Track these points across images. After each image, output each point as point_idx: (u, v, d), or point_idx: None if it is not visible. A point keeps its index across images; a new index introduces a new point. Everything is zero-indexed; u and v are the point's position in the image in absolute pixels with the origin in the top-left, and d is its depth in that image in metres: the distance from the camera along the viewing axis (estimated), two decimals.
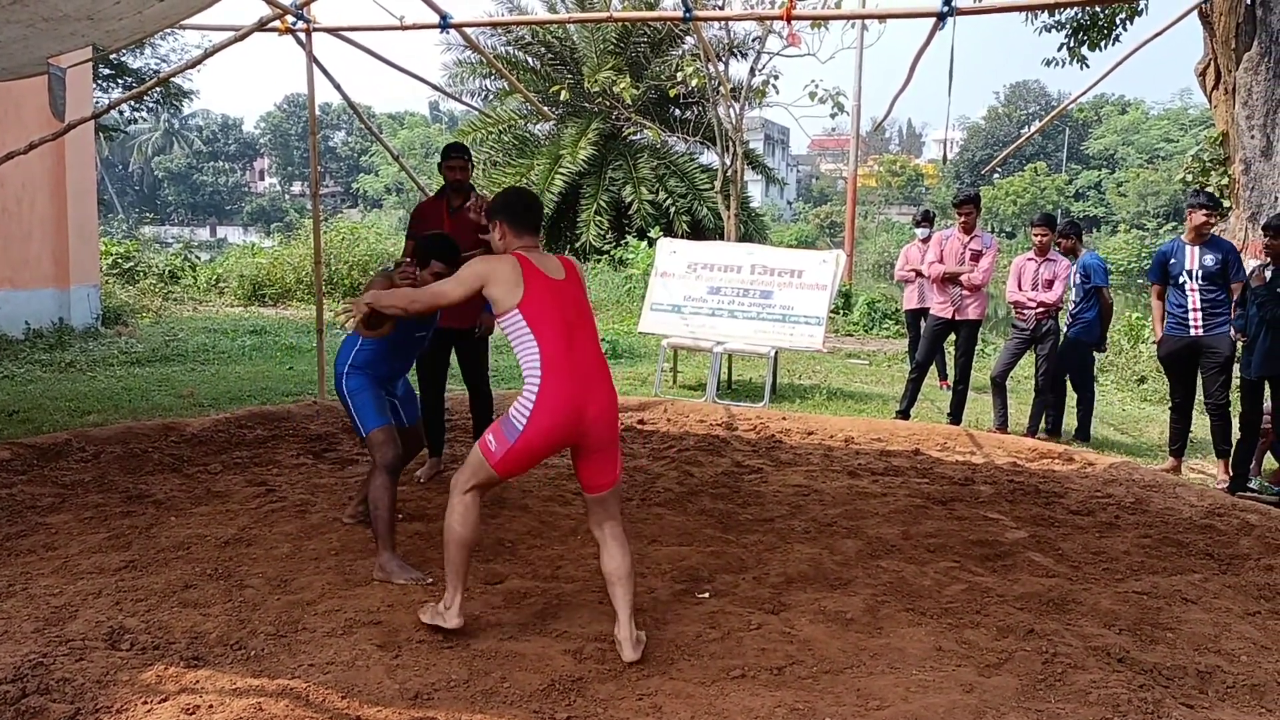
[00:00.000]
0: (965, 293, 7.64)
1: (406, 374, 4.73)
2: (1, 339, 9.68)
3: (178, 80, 22.22)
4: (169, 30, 10.37)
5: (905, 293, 10.17)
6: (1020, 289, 7.65)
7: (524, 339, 3.41)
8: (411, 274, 4.16)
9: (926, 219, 10.09)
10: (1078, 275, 7.61)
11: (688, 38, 21.06)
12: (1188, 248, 6.54)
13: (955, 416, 7.82)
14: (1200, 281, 6.42)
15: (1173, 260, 6.61)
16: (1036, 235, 7.64)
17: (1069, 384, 7.89)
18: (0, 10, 4.90)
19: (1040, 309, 7.55)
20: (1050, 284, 7.55)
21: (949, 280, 7.70)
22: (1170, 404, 6.92)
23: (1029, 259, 7.72)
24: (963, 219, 7.80)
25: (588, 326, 3.58)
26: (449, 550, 3.43)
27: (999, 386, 7.75)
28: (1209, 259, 6.41)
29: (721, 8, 14.86)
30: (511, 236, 3.62)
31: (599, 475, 3.48)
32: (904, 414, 7.86)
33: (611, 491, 3.51)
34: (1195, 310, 6.47)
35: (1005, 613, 3.85)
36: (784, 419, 7.75)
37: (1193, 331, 6.49)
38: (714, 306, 9.22)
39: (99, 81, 18.58)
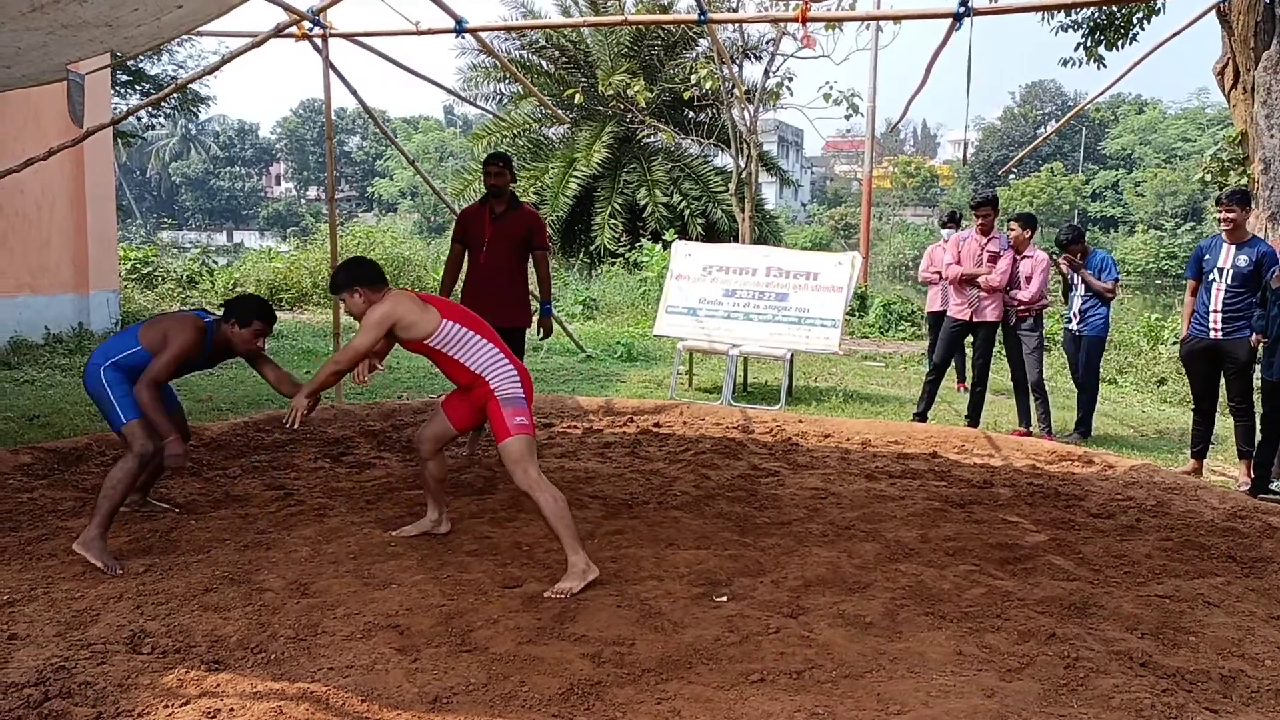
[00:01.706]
0: (983, 294, 7.63)
1: None
2: (22, 344, 9.75)
3: (195, 86, 22.38)
4: (186, 36, 10.44)
5: (929, 294, 10.11)
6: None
7: (466, 340, 4.08)
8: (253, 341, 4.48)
9: (953, 220, 10.01)
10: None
11: (702, 40, 21.07)
12: (1225, 246, 6.45)
13: (973, 419, 7.79)
14: (1229, 281, 6.34)
15: (1207, 256, 6.52)
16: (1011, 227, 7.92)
17: (1073, 380, 8.04)
18: (20, 17, 4.94)
19: (1021, 307, 7.60)
20: (1029, 280, 7.57)
21: (966, 282, 7.70)
22: (1192, 405, 6.87)
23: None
24: (980, 221, 7.77)
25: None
26: (564, 523, 3.99)
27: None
28: (1242, 259, 6.31)
29: (736, 10, 14.86)
30: (372, 293, 4.14)
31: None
32: (921, 416, 7.84)
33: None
34: (1216, 311, 6.40)
35: (1026, 617, 3.83)
36: (800, 422, 7.73)
37: (1212, 334, 6.43)
38: (729, 309, 9.21)
39: (117, 88, 18.72)
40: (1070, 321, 7.97)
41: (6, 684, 3.00)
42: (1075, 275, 7.79)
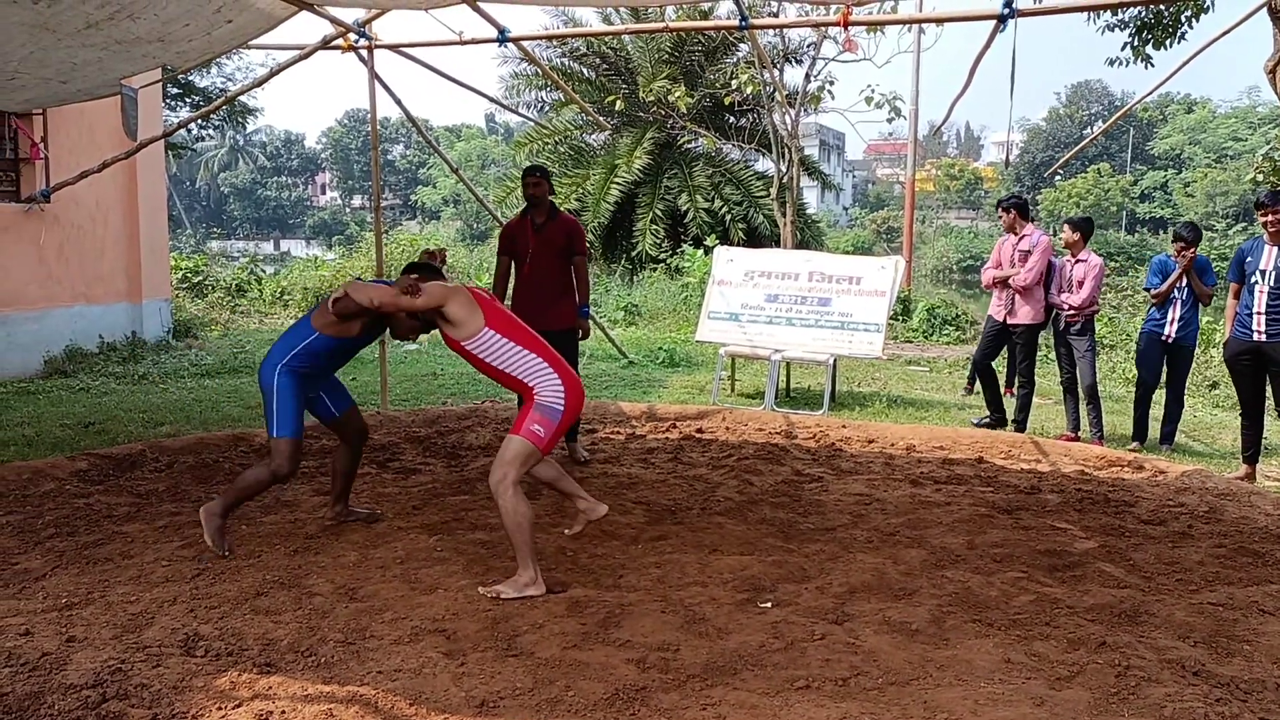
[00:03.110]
0: (1016, 295, 7.63)
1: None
2: (77, 353, 9.97)
3: (243, 98, 22.75)
4: (235, 50, 10.62)
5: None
6: (1058, 291, 7.57)
7: (505, 350, 4.08)
8: (414, 285, 4.28)
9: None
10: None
11: (742, 45, 21.04)
12: (1267, 247, 6.35)
13: (1019, 423, 7.71)
14: (1271, 283, 6.24)
15: (1249, 259, 6.43)
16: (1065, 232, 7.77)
17: (1168, 389, 7.62)
18: (76, 34, 5.08)
19: (1071, 312, 7.48)
20: (1080, 284, 7.43)
21: (1000, 283, 7.72)
22: (1240, 409, 6.74)
23: (1064, 260, 7.68)
24: (1002, 221, 7.91)
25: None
26: (521, 535, 3.95)
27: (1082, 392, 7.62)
28: None
29: (776, 15, 14.82)
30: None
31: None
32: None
33: None
34: (1260, 314, 6.28)
35: (1075, 624, 3.78)
36: (844, 427, 7.69)
37: (1255, 336, 6.31)
38: (771, 314, 9.19)
39: (168, 101, 19.09)
40: (1162, 326, 7.40)
41: (66, 685, 3.08)
42: (1185, 278, 7.29)
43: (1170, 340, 7.43)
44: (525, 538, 3.96)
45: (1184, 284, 7.32)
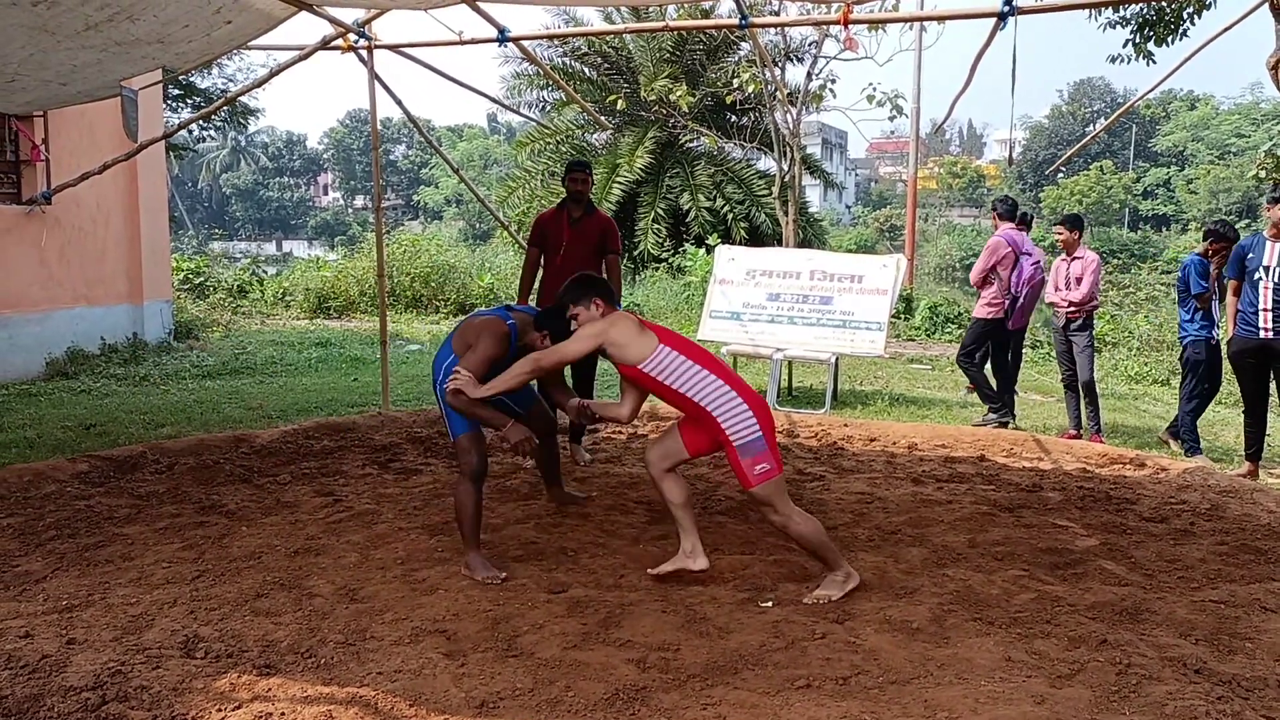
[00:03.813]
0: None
1: None
2: (79, 354, 9.98)
3: (244, 99, 22.77)
4: (235, 51, 10.63)
5: None
6: (1055, 290, 7.68)
7: (684, 370, 3.90)
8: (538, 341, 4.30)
9: (1023, 220, 9.86)
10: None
11: (744, 44, 21.03)
12: (1268, 243, 6.33)
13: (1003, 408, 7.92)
14: (1276, 279, 6.23)
15: (1250, 255, 6.40)
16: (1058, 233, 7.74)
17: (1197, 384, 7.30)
18: (75, 35, 5.08)
19: (1071, 308, 7.52)
20: (1079, 281, 7.50)
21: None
22: (1243, 406, 6.72)
23: (1060, 260, 7.77)
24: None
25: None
26: (821, 545, 4.02)
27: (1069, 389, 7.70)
28: None
29: (777, 13, 14.80)
30: (608, 308, 4.14)
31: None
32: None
33: None
34: (1266, 310, 6.27)
35: (1077, 622, 3.78)
36: (845, 426, 7.68)
37: (1262, 333, 6.30)
38: (773, 313, 9.18)
39: (168, 102, 19.09)
40: (1209, 329, 7.09)
41: (65, 688, 3.07)
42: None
43: (1219, 344, 7.17)
44: (825, 544, 4.02)
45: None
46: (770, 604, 3.98)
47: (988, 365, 8.20)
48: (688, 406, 3.95)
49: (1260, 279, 6.30)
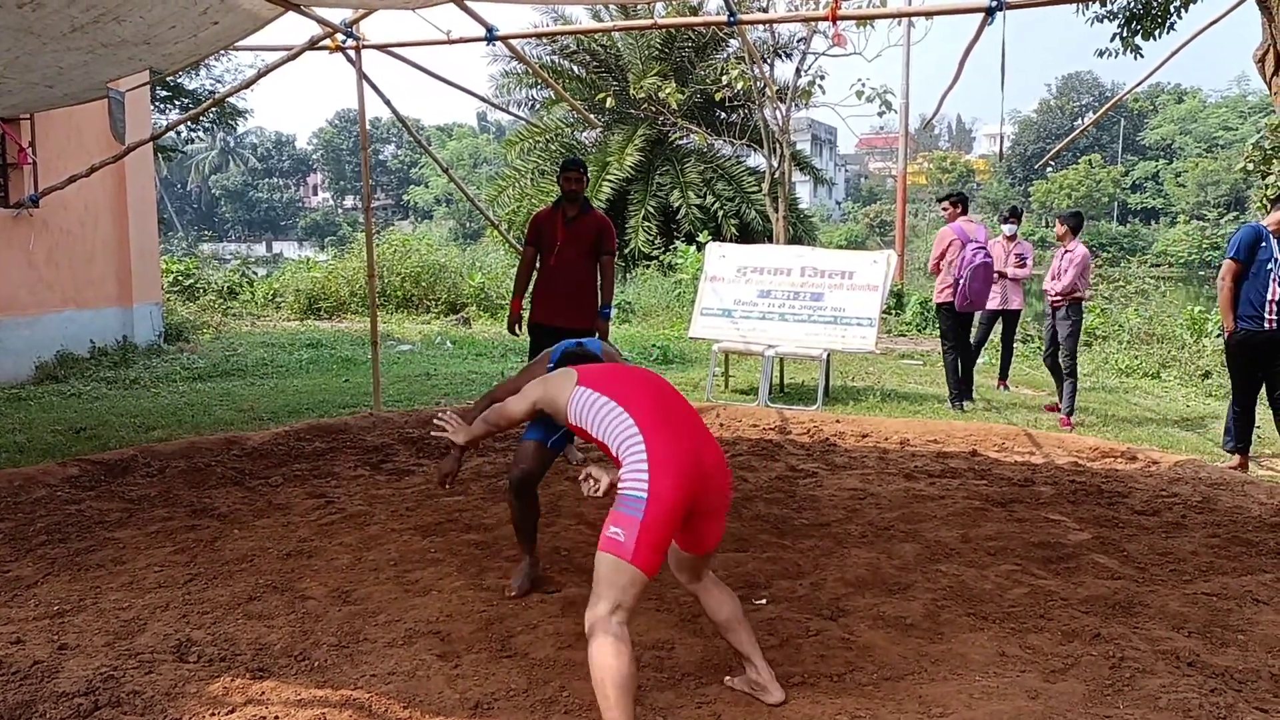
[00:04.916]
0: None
1: None
2: (68, 358, 9.93)
3: (232, 100, 22.69)
4: (223, 52, 10.59)
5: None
6: (1051, 279, 8.31)
7: (598, 409, 3.00)
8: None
9: (1015, 215, 9.92)
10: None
11: (732, 41, 21.03)
12: (1274, 238, 6.30)
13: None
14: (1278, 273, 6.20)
15: (1264, 244, 6.23)
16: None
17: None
18: (61, 38, 5.05)
19: (1056, 297, 8.14)
20: (1066, 272, 8.06)
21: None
22: (1232, 398, 6.70)
23: (1055, 251, 8.55)
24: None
25: (669, 390, 3.15)
26: (602, 702, 2.66)
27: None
28: None
29: (765, 10, 14.81)
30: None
31: (711, 534, 3.05)
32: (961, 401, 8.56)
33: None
34: (1273, 302, 6.20)
35: (1070, 616, 3.78)
36: (838, 422, 7.69)
37: (1268, 326, 6.24)
38: (764, 310, 9.18)
39: (156, 103, 19.02)
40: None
41: (57, 694, 3.06)
42: None
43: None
44: (614, 706, 2.64)
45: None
46: (764, 601, 3.98)
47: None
48: (607, 453, 3.02)
49: (1271, 270, 6.20)
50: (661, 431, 2.88)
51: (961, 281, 8.35)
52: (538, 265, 6.48)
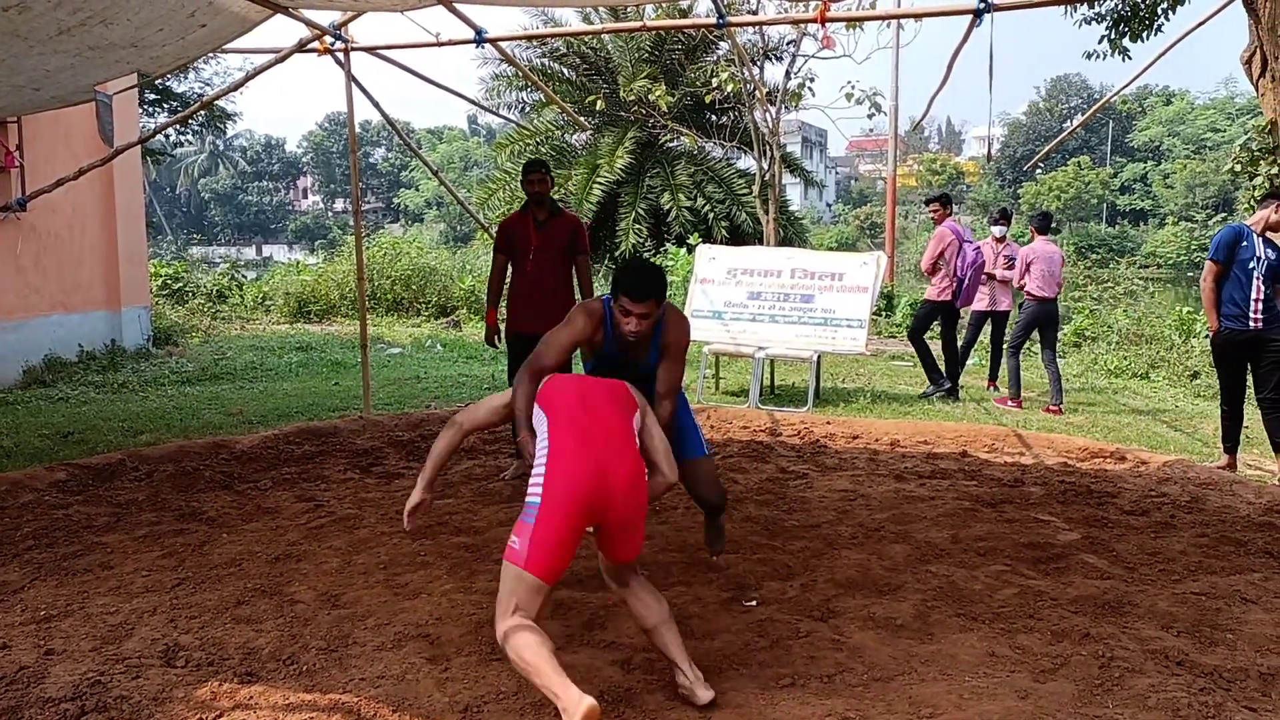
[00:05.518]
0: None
1: None
2: (56, 362, 9.89)
3: (221, 103, 22.63)
4: (211, 54, 10.54)
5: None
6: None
7: (538, 420, 3.15)
8: None
9: (1004, 217, 9.95)
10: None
11: (722, 43, 21.04)
12: (1256, 237, 6.34)
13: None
14: (1264, 271, 6.22)
15: (1245, 244, 6.27)
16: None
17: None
18: (48, 40, 5.02)
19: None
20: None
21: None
22: (1220, 398, 6.72)
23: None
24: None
25: (600, 402, 3.18)
26: (532, 678, 2.80)
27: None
28: (1271, 253, 6.23)
29: (755, 12, 14.82)
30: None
31: (625, 546, 3.10)
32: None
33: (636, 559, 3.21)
34: (1257, 300, 6.24)
35: (1059, 616, 3.79)
36: (828, 423, 7.70)
37: (1252, 324, 6.28)
38: (755, 312, 9.19)
39: (145, 107, 18.94)
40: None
41: (44, 699, 3.04)
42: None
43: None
44: (541, 679, 2.77)
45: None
46: (754, 603, 3.97)
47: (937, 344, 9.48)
48: None
49: (1253, 269, 6.23)
50: (566, 442, 2.99)
51: (964, 282, 8.68)
52: (512, 271, 6.40)
